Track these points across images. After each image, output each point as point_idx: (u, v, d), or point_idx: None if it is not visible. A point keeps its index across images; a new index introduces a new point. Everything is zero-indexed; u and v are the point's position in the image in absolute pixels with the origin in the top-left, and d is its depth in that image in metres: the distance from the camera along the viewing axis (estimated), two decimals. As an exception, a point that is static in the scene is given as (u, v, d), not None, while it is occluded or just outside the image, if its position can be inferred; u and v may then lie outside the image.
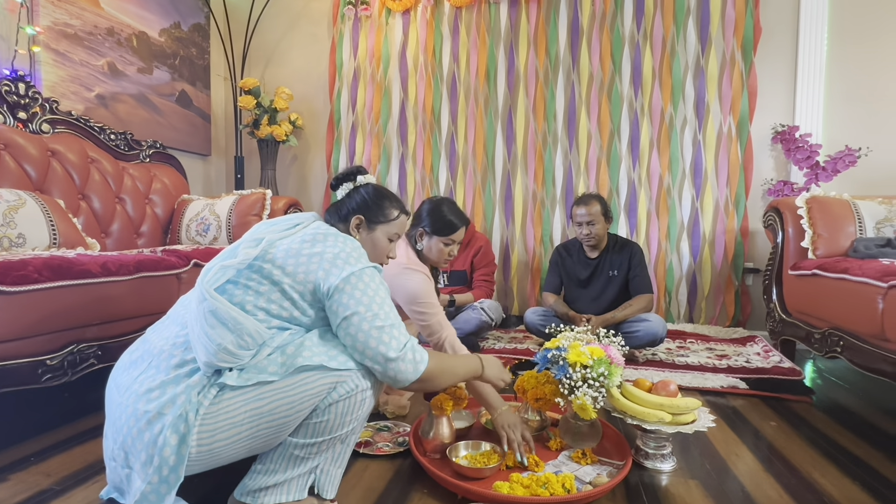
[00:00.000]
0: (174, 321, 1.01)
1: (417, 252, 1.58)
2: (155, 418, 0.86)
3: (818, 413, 1.68)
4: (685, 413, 1.23)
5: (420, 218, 1.57)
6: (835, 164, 2.33)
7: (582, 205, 2.18)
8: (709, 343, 2.40)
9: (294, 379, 0.93)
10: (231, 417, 0.89)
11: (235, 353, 0.89)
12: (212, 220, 2.39)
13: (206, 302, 0.91)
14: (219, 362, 0.89)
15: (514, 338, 2.52)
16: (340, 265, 0.97)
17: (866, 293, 1.53)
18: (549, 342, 1.43)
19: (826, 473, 1.24)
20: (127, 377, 0.94)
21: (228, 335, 0.89)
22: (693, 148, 2.68)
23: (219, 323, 0.89)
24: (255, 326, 0.92)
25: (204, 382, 0.89)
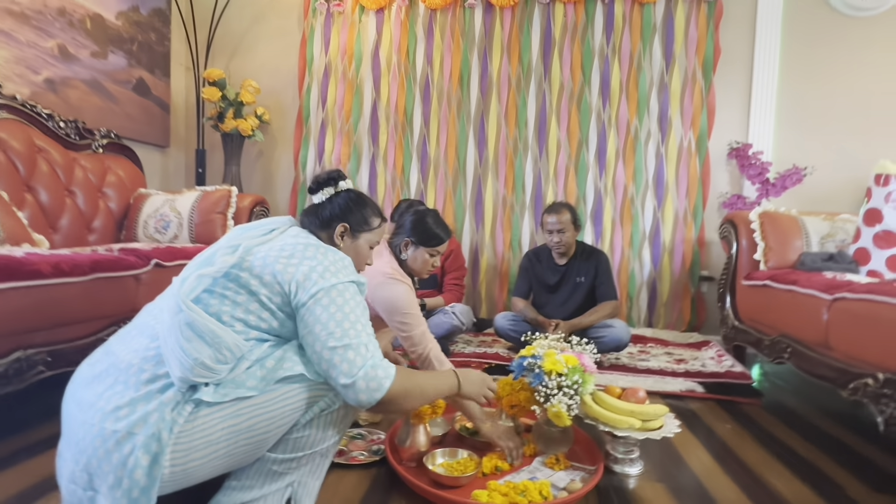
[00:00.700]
0: (142, 332, 0.95)
1: (400, 262, 1.56)
2: (125, 438, 0.81)
3: (766, 415, 1.79)
4: (653, 419, 1.28)
5: (405, 228, 1.55)
6: (784, 180, 2.50)
7: (553, 213, 2.24)
8: (667, 347, 2.52)
9: (274, 394, 0.90)
10: (207, 435, 0.85)
11: (213, 367, 0.86)
12: (172, 216, 2.28)
13: (181, 314, 0.86)
14: (195, 377, 0.84)
15: (483, 342, 2.55)
16: (314, 279, 0.94)
17: (813, 304, 1.64)
18: (524, 349, 1.45)
19: (778, 474, 1.33)
20: (90, 393, 0.88)
21: (206, 349, 0.85)
22: (656, 160, 2.80)
23: (195, 336, 0.85)
24: (233, 339, 0.88)
25: (178, 399, 0.85)
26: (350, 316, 0.93)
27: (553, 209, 2.25)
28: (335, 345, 0.89)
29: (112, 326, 1.67)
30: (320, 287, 0.93)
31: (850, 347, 1.50)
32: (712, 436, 1.59)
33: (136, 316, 1.02)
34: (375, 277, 1.46)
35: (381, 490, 1.19)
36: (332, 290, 0.93)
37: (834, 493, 1.24)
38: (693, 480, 1.29)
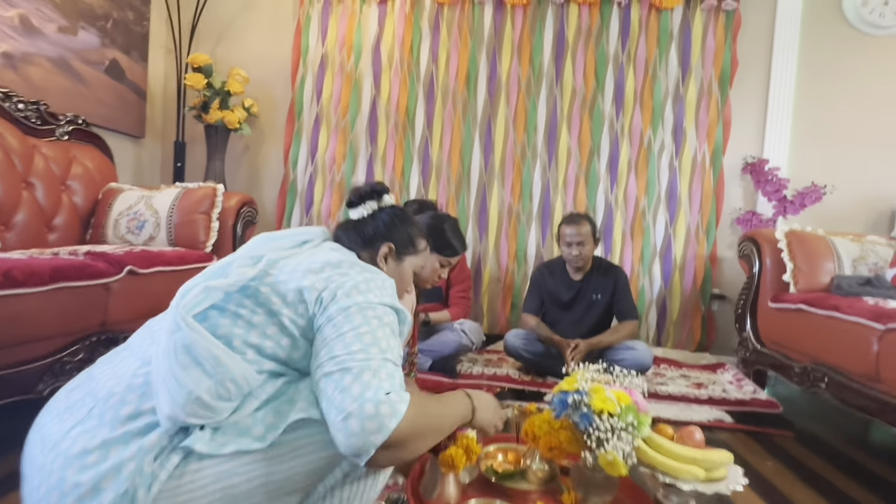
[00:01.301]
0: (134, 353, 0.76)
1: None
2: (89, 495, 0.61)
3: (801, 448, 1.67)
4: (718, 468, 1.13)
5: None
6: (802, 198, 2.42)
7: (572, 224, 2.09)
8: (681, 370, 2.40)
9: (284, 448, 0.70)
10: (196, 498, 0.65)
11: (211, 405, 0.66)
12: (148, 215, 2.02)
13: (179, 332, 0.67)
14: (187, 416, 0.65)
15: (489, 360, 2.37)
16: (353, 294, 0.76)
17: (860, 333, 1.53)
18: (563, 381, 1.28)
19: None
20: (57, 428, 0.67)
21: (204, 380, 0.66)
22: (669, 173, 2.69)
23: (193, 363, 0.66)
24: (241, 370, 0.69)
25: (163, 444, 0.66)
26: (381, 343, 0.73)
27: (572, 220, 2.10)
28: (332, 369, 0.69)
29: (75, 345, 1.41)
30: (356, 302, 0.75)
31: (907, 382, 1.39)
32: (756, 476, 1.46)
33: (136, 332, 0.82)
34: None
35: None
36: (368, 310, 0.75)
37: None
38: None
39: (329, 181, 2.86)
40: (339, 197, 2.86)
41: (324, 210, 2.86)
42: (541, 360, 2.13)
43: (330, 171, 2.86)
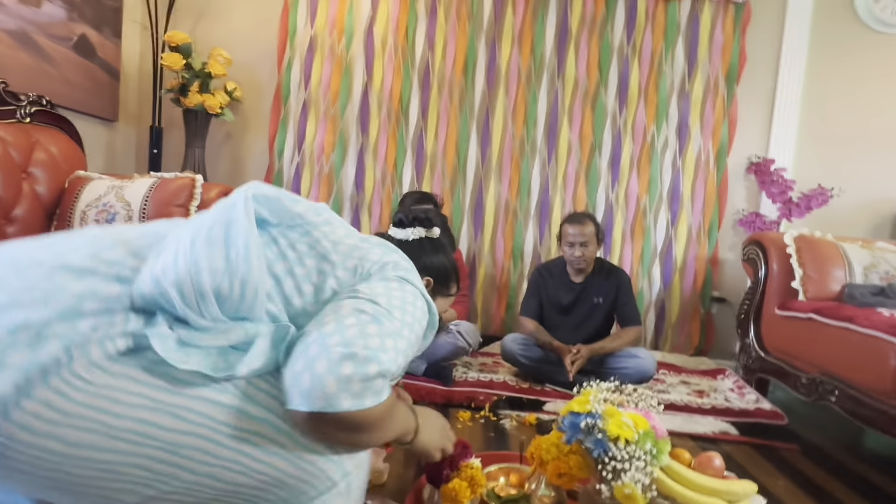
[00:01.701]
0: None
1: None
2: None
3: (809, 463, 1.61)
4: (742, 500, 1.05)
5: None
6: (808, 201, 2.36)
7: (575, 223, 1.98)
8: (681, 375, 2.33)
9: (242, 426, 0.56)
10: (114, 408, 0.50)
11: (204, 292, 0.55)
12: (119, 207, 1.85)
13: (232, 208, 0.61)
14: (169, 287, 0.54)
15: (484, 364, 2.27)
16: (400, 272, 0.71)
17: (877, 347, 1.47)
18: (574, 401, 1.18)
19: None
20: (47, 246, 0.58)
21: (219, 262, 0.57)
22: (672, 171, 2.60)
23: (221, 241, 0.58)
24: (259, 280, 0.60)
25: (117, 315, 0.53)
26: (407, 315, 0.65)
27: (575, 219, 2.00)
28: (364, 309, 0.60)
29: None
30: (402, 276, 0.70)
31: (929, 402, 1.32)
32: (769, 495, 1.38)
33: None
34: None
35: None
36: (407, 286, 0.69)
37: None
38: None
39: (317, 172, 2.71)
40: (326, 189, 2.71)
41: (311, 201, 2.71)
42: (539, 366, 2.03)
43: (318, 162, 2.71)
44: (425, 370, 2.01)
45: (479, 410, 1.80)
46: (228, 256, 0.57)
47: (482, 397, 1.86)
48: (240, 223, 0.59)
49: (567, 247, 2.01)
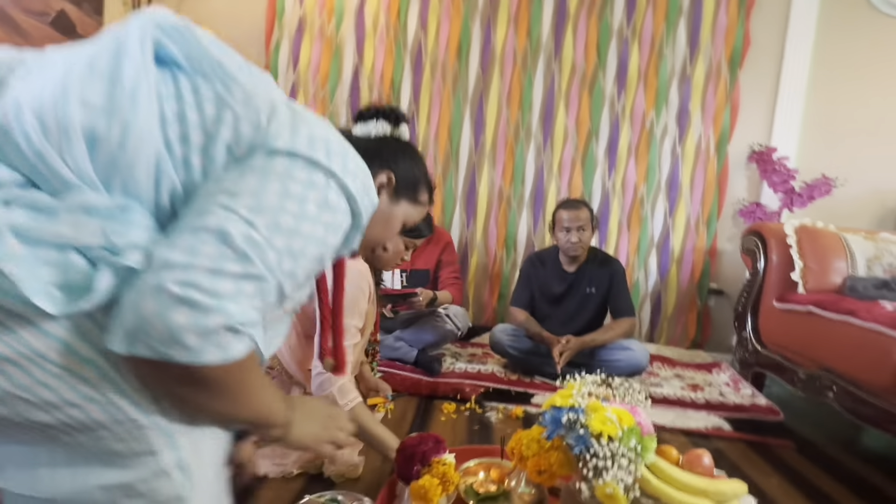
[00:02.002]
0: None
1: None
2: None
3: (803, 461, 1.55)
4: (731, 500, 0.99)
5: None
6: (811, 191, 2.28)
7: (570, 208, 1.92)
8: (675, 368, 2.27)
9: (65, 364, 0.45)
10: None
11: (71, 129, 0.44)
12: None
13: (119, 39, 0.47)
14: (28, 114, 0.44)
15: (473, 355, 2.22)
16: (307, 139, 0.52)
17: (879, 342, 1.40)
18: (557, 395, 1.12)
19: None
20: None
21: (99, 100, 0.45)
22: (671, 159, 2.52)
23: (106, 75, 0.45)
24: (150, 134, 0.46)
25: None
26: (296, 240, 0.49)
27: (570, 204, 1.94)
28: (232, 233, 0.45)
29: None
30: (317, 163, 0.51)
31: (932, 400, 1.26)
32: (762, 494, 1.33)
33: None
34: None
35: None
36: (315, 171, 0.51)
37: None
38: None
39: (306, 157, 2.63)
40: (316, 174, 2.64)
41: (300, 188, 2.64)
42: (528, 357, 1.98)
43: (307, 146, 2.63)
44: (416, 358, 1.96)
45: (465, 402, 1.75)
46: (112, 93, 0.45)
47: (468, 389, 1.81)
48: (132, 56, 0.46)
49: (562, 232, 1.94)
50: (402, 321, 2.02)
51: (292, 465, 1.20)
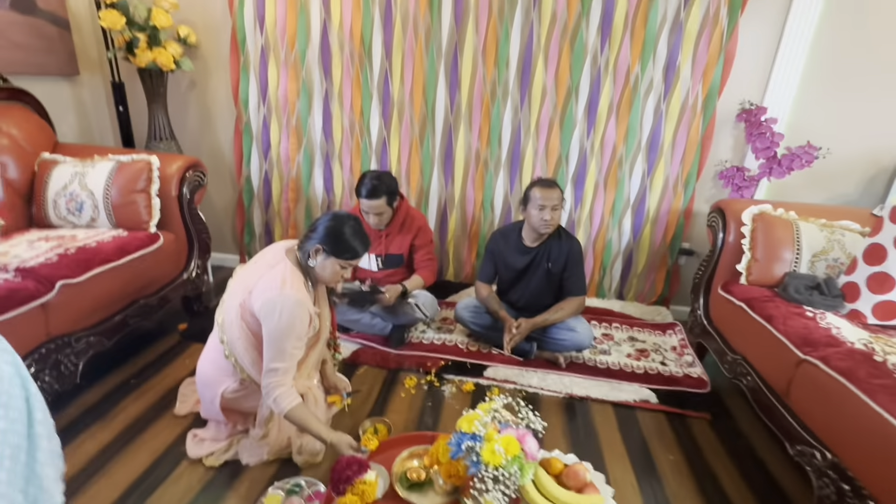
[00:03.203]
0: None
1: (306, 267, 1.46)
2: None
3: (712, 437, 1.79)
4: (588, 511, 1.26)
5: (317, 233, 1.43)
6: (791, 160, 2.19)
7: (546, 188, 1.97)
8: (633, 329, 2.47)
9: None
10: None
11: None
12: (84, 196, 1.97)
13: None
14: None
15: (444, 320, 2.47)
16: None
17: (783, 353, 1.54)
18: (465, 420, 1.36)
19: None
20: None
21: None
22: (654, 118, 2.41)
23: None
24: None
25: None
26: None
27: (545, 184, 1.99)
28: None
29: (25, 361, 1.51)
30: None
31: (808, 413, 1.43)
32: (653, 474, 1.61)
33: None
34: (271, 290, 1.36)
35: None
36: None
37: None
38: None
39: (284, 123, 2.66)
40: (296, 141, 2.69)
41: (282, 154, 2.72)
42: (487, 332, 2.21)
43: (284, 112, 2.64)
44: (389, 332, 2.23)
45: (427, 374, 2.04)
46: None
47: (429, 363, 2.09)
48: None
49: (536, 210, 2.00)
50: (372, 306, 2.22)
51: (268, 453, 1.54)
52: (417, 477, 1.45)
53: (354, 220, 1.46)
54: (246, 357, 1.46)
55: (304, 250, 1.45)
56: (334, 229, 1.42)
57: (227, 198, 2.93)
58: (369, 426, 1.68)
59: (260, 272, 1.42)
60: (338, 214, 1.46)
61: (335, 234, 1.42)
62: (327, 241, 1.42)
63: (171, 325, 2.28)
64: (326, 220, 1.44)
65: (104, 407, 1.74)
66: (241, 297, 1.41)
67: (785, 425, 1.51)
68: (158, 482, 1.45)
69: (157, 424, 1.67)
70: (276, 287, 1.35)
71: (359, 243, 1.45)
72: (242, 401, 1.54)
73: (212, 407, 1.54)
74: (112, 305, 1.85)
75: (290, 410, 1.37)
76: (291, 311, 1.35)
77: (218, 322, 1.50)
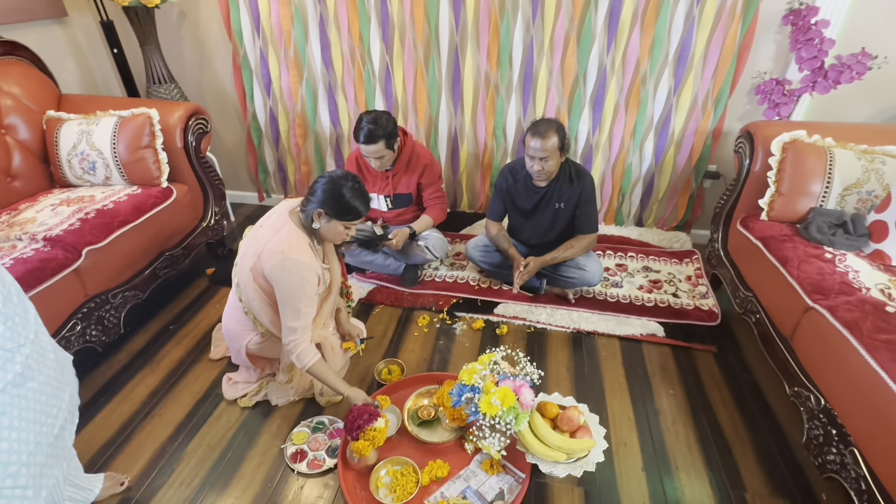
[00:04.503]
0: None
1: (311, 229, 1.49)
2: None
3: (715, 369, 1.84)
4: (577, 453, 1.37)
5: (317, 197, 1.43)
6: (839, 73, 1.92)
7: (537, 136, 1.85)
8: (648, 259, 2.44)
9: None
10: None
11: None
12: (94, 156, 2.00)
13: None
14: None
15: (458, 256, 2.50)
16: None
17: (792, 297, 1.51)
18: (465, 371, 1.45)
19: (696, 475, 1.46)
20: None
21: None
22: (685, 26, 2.12)
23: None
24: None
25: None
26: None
27: (538, 131, 1.84)
28: None
29: (71, 321, 1.67)
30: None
31: (809, 358, 1.44)
32: (651, 408, 1.69)
33: None
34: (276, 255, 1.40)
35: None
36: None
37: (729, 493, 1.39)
38: (613, 485, 1.44)
39: (283, 55, 2.51)
40: (296, 73, 2.56)
41: (285, 88, 2.61)
42: (497, 270, 2.24)
43: (280, 42, 2.48)
44: (402, 272, 2.30)
45: (439, 313, 2.13)
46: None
47: (441, 302, 2.17)
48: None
49: (528, 158, 1.93)
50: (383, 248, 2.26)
51: (294, 394, 1.72)
52: (427, 415, 1.61)
53: (353, 180, 1.44)
54: (263, 315, 1.56)
55: (306, 214, 1.46)
56: (333, 192, 1.41)
57: (236, 136, 2.90)
58: (383, 367, 1.83)
59: (266, 236, 1.46)
60: (334, 177, 1.43)
61: (335, 198, 1.41)
62: (328, 204, 1.42)
63: (201, 270, 2.43)
64: (324, 182, 1.43)
65: (149, 352, 1.94)
66: (252, 261, 1.47)
67: (786, 366, 1.53)
68: (203, 421, 1.65)
69: (196, 368, 1.87)
70: (281, 251, 1.40)
71: (360, 203, 1.44)
72: (266, 350, 1.67)
73: (239, 356, 1.69)
74: (140, 261, 1.97)
75: (311, 367, 1.49)
76: (299, 274, 1.41)
77: (235, 282, 1.59)
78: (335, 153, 2.79)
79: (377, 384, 1.78)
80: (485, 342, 1.99)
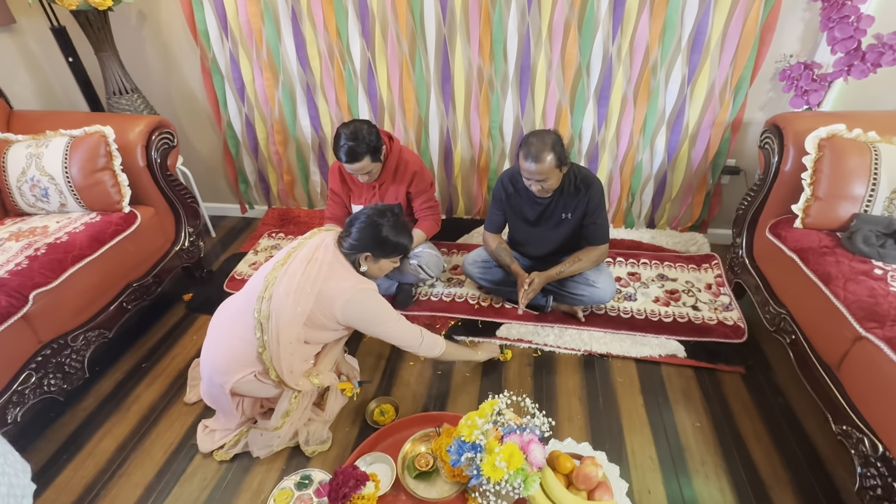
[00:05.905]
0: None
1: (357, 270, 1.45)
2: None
3: (745, 394, 1.65)
4: (599, 516, 1.19)
5: (361, 243, 1.40)
6: (879, 54, 1.69)
7: (530, 159, 1.61)
8: (663, 266, 2.23)
9: None
10: None
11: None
12: (45, 182, 1.80)
13: None
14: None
15: (455, 269, 2.30)
16: None
17: (839, 323, 1.31)
18: (464, 426, 1.27)
19: None
20: None
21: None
22: (700, 8, 1.89)
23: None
24: None
25: None
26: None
27: (530, 153, 1.60)
28: None
29: (24, 371, 1.49)
30: None
31: (861, 395, 1.25)
32: (676, 444, 1.51)
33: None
34: (342, 294, 1.37)
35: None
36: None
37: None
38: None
39: (255, 56, 2.29)
40: (271, 76, 2.33)
41: (259, 93, 2.39)
42: (499, 288, 2.04)
43: (251, 42, 2.25)
44: (395, 292, 2.11)
45: (436, 336, 1.94)
46: None
47: (438, 325, 1.98)
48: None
49: (524, 179, 1.72)
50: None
51: (277, 444, 1.54)
52: (425, 464, 1.43)
53: (390, 215, 1.43)
54: (283, 364, 1.38)
55: (350, 259, 1.43)
56: (374, 235, 1.39)
57: (211, 145, 2.68)
58: (375, 407, 1.65)
59: (320, 275, 1.36)
60: (371, 216, 1.41)
61: (378, 239, 1.40)
62: (372, 246, 1.41)
63: (177, 296, 2.24)
64: (361, 224, 1.41)
65: (118, 396, 1.76)
66: (305, 304, 1.34)
67: (832, 399, 1.34)
68: (175, 480, 1.48)
69: (170, 414, 1.69)
70: (347, 289, 1.37)
71: (404, 238, 1.45)
72: (255, 390, 1.47)
73: (220, 392, 1.46)
74: (102, 296, 1.78)
75: (444, 352, 1.54)
76: (374, 303, 1.42)
77: (258, 320, 1.36)
78: (318, 160, 2.58)
79: (369, 427, 1.60)
80: (487, 369, 1.80)
